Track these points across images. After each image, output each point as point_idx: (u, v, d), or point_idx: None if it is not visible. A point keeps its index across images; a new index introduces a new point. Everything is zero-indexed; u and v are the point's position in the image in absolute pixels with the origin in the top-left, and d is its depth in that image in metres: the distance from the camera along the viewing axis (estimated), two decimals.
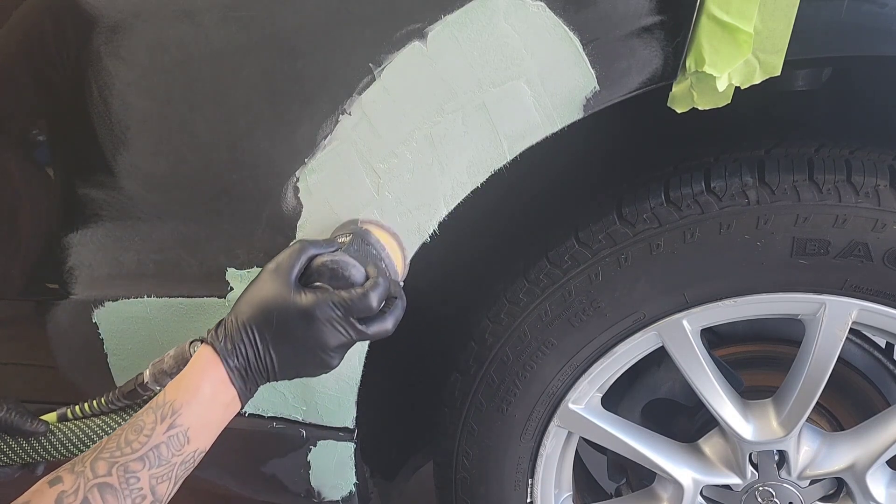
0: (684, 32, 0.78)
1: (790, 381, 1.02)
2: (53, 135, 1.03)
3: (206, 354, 0.80)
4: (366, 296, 0.80)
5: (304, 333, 0.80)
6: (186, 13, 0.88)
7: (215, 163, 0.95)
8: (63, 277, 1.07)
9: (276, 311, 0.79)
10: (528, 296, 1.01)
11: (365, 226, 0.92)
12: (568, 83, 0.83)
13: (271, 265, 0.83)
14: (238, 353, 0.79)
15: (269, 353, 0.80)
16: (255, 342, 0.80)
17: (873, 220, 0.87)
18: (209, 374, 0.79)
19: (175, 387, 0.79)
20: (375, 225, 0.93)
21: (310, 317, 0.79)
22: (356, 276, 0.82)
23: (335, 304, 0.79)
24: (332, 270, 0.82)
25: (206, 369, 0.79)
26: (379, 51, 0.85)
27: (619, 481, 1.33)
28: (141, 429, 0.75)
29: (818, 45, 0.79)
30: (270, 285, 0.81)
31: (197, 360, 0.80)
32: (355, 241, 0.87)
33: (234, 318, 0.81)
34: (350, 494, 1.14)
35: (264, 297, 0.80)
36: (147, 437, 0.75)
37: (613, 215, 0.95)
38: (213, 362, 0.79)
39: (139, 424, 0.76)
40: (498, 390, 1.08)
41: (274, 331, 0.80)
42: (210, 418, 0.79)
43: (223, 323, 0.82)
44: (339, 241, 0.88)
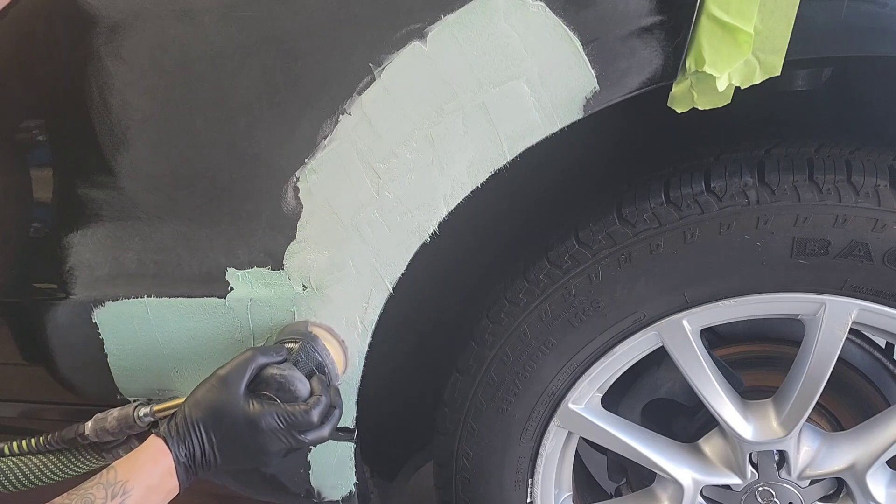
0: (684, 32, 0.78)
1: (790, 381, 1.02)
2: (53, 135, 1.03)
3: (158, 444, 0.87)
4: (308, 413, 0.88)
5: (248, 439, 0.88)
6: (186, 13, 0.88)
7: (215, 163, 0.95)
8: (63, 277, 1.07)
9: (224, 416, 0.88)
10: (528, 296, 1.01)
11: (313, 330, 0.98)
12: (568, 83, 0.83)
13: (223, 371, 0.90)
14: (186, 449, 0.87)
15: (213, 452, 0.88)
16: (202, 441, 0.88)
17: (873, 220, 0.87)
18: (158, 463, 0.86)
19: (127, 468, 0.85)
20: (322, 329, 1.00)
21: (255, 426, 0.87)
22: (301, 391, 0.90)
23: (279, 417, 0.88)
24: (280, 384, 0.89)
25: (157, 458, 0.87)
26: (379, 51, 0.85)
27: (619, 481, 1.33)
28: (91, 501, 0.82)
29: (818, 45, 0.79)
30: (222, 391, 0.88)
31: (149, 448, 0.88)
32: (302, 350, 0.94)
33: (186, 415, 0.88)
34: (350, 494, 1.14)
35: (215, 400, 0.88)
36: None
37: (613, 215, 0.95)
38: (163, 453, 0.87)
39: (89, 497, 0.82)
40: (498, 390, 1.08)
41: (221, 433, 0.88)
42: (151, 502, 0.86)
43: (173, 418, 0.89)
44: (288, 348, 0.94)
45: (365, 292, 0.98)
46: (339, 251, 0.96)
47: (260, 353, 0.91)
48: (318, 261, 0.97)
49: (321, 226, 0.95)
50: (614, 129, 0.97)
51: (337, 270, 0.97)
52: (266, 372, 0.90)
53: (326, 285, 0.98)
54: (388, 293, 0.97)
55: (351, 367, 1.02)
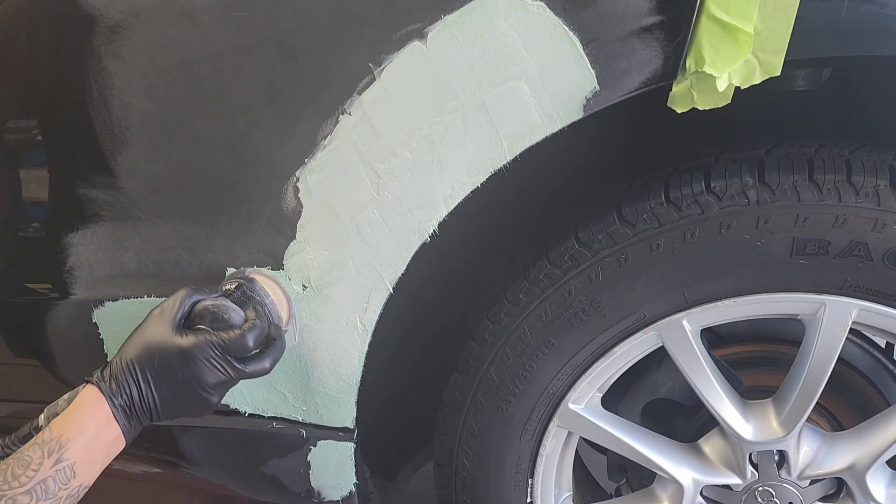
0: (684, 32, 0.78)
1: (790, 381, 1.02)
2: (53, 135, 1.03)
3: (92, 394, 0.83)
4: (242, 336, 0.85)
5: (184, 373, 0.84)
6: (186, 13, 0.88)
7: (215, 163, 0.95)
8: (63, 277, 1.07)
9: (157, 351, 0.84)
10: (528, 296, 1.01)
11: (251, 274, 0.97)
12: (568, 83, 0.83)
13: (156, 310, 0.87)
14: (122, 392, 0.83)
15: (150, 392, 0.84)
16: (138, 381, 0.84)
17: (873, 220, 0.87)
18: (94, 412, 0.82)
19: (61, 423, 0.82)
20: (261, 274, 0.97)
21: (189, 356, 0.83)
22: (235, 318, 0.88)
23: (213, 344, 0.84)
24: (213, 314, 0.87)
25: (92, 407, 0.83)
26: (379, 51, 0.85)
27: (619, 481, 1.33)
28: (28, 463, 0.78)
29: (818, 45, 0.79)
30: (154, 328, 0.85)
31: (82, 399, 0.84)
32: (239, 289, 0.92)
33: (120, 358, 0.85)
34: (350, 494, 1.14)
35: (148, 338, 0.85)
36: (34, 472, 0.78)
37: (613, 215, 0.95)
38: (97, 401, 0.83)
39: (25, 459, 0.78)
40: (498, 390, 1.08)
41: (156, 370, 0.84)
42: (96, 454, 0.82)
43: (109, 364, 0.85)
44: (224, 289, 0.92)
45: (365, 292, 0.98)
46: (339, 251, 0.96)
47: (193, 289, 0.89)
48: (318, 261, 0.97)
49: (321, 226, 0.95)
50: (614, 129, 0.97)
51: (337, 270, 0.97)
52: (199, 305, 0.88)
53: (326, 285, 0.98)
54: (388, 293, 0.97)
55: (348, 358, 1.01)
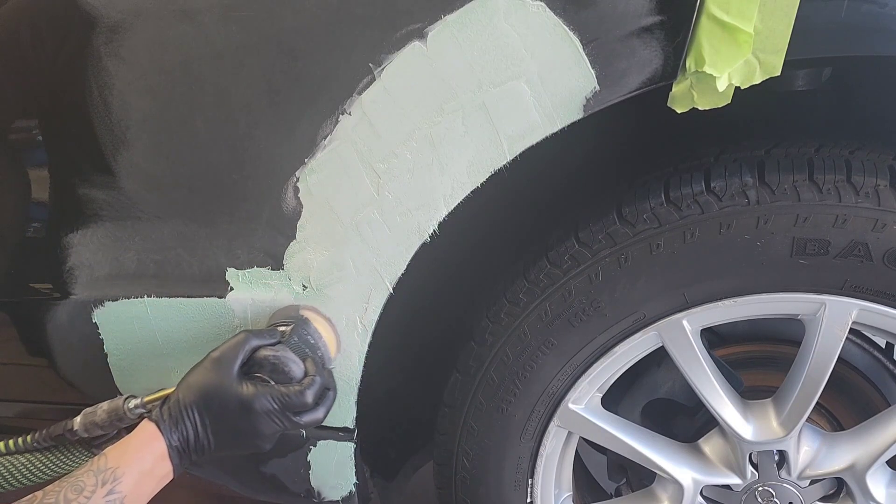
0: (684, 32, 0.78)
1: (790, 381, 1.02)
2: (53, 135, 1.03)
3: (150, 429, 0.85)
4: (303, 393, 0.87)
5: (241, 421, 0.86)
6: (186, 13, 0.88)
7: (215, 163, 0.95)
8: (63, 277, 1.07)
9: (217, 397, 0.86)
10: (528, 296, 1.01)
11: (304, 313, 0.98)
12: (568, 83, 0.83)
13: (216, 353, 0.89)
14: (179, 433, 0.86)
15: (206, 435, 0.87)
16: (195, 424, 0.86)
17: (873, 220, 0.87)
18: (151, 448, 0.84)
19: (118, 454, 0.83)
20: (313, 312, 0.98)
21: (248, 407, 0.85)
22: (295, 371, 0.89)
23: (273, 399, 0.86)
24: (274, 365, 0.88)
25: (149, 443, 0.85)
26: (379, 51, 0.85)
27: (619, 481, 1.33)
28: (81, 489, 0.80)
29: (818, 45, 0.79)
30: (214, 373, 0.87)
31: (140, 433, 0.86)
32: (295, 332, 0.93)
33: (179, 399, 0.87)
34: (350, 494, 1.14)
35: (208, 383, 0.87)
36: (86, 499, 0.79)
37: (613, 215, 0.95)
38: (155, 438, 0.85)
39: (79, 485, 0.80)
40: (498, 390, 1.08)
41: (214, 416, 0.86)
42: (145, 488, 0.84)
43: (165, 402, 0.87)
44: (280, 331, 0.93)
45: (365, 292, 0.98)
46: (339, 251, 0.96)
47: (253, 335, 0.90)
48: (318, 261, 0.97)
49: (321, 226, 0.95)
50: (614, 129, 0.97)
51: (337, 270, 0.97)
52: (259, 354, 0.89)
53: (326, 285, 0.98)
54: (388, 293, 0.97)
55: (348, 358, 1.02)
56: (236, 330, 1.03)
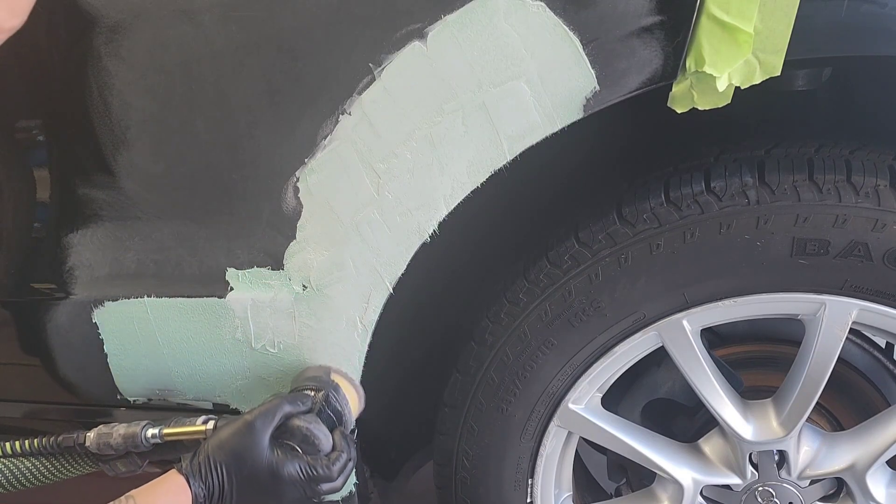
0: (684, 32, 0.78)
1: (790, 381, 1.02)
2: (53, 135, 1.03)
3: (180, 482, 0.87)
4: (329, 468, 0.90)
5: (267, 486, 0.89)
6: (186, 13, 0.88)
7: (215, 163, 0.95)
8: (63, 277, 1.07)
9: (248, 461, 0.88)
10: (528, 296, 1.01)
11: (335, 378, 1.00)
12: (568, 83, 0.83)
13: (250, 416, 0.91)
14: (207, 489, 0.87)
15: (231, 494, 0.88)
16: (223, 483, 0.88)
17: (873, 220, 0.87)
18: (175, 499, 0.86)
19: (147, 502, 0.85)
20: (341, 376, 1.01)
21: (276, 475, 0.88)
22: (324, 444, 0.91)
23: (301, 470, 0.89)
24: (305, 436, 0.90)
25: (177, 495, 0.87)
26: (379, 51, 0.85)
27: (619, 481, 1.33)
28: None
29: (818, 45, 0.79)
30: (248, 436, 0.89)
31: (169, 484, 0.88)
32: (325, 400, 0.96)
33: (209, 455, 0.89)
34: (350, 494, 1.14)
35: (240, 445, 0.89)
36: None
37: (613, 215, 0.95)
38: (184, 491, 0.87)
39: None
40: (498, 390, 1.08)
41: (242, 478, 0.88)
42: None
43: (196, 456, 0.89)
44: (311, 396, 0.95)
45: (365, 292, 0.98)
46: (339, 251, 0.96)
47: (287, 401, 0.92)
48: (318, 261, 0.97)
49: (321, 226, 0.95)
50: (614, 129, 0.97)
51: (337, 270, 0.97)
52: (292, 422, 0.91)
53: (326, 285, 0.98)
54: (388, 293, 0.97)
55: (348, 358, 1.02)
56: (236, 330, 1.03)
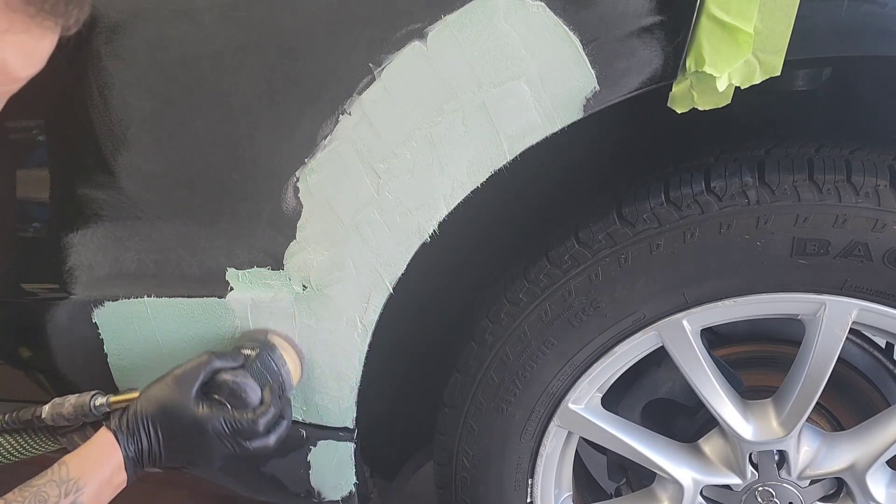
0: (684, 32, 0.78)
1: (790, 381, 1.02)
2: (53, 134, 1.03)
3: (108, 440, 0.89)
4: (255, 422, 0.91)
5: (193, 440, 0.90)
6: (186, 13, 0.88)
7: (215, 163, 0.95)
8: (63, 277, 1.07)
9: (173, 413, 0.90)
10: (528, 296, 1.01)
11: (272, 338, 0.99)
12: (568, 83, 0.83)
13: (178, 371, 0.92)
14: (135, 444, 0.90)
15: (159, 447, 0.91)
16: (149, 435, 0.90)
17: (873, 220, 0.87)
18: (109, 458, 0.89)
19: (78, 464, 0.87)
20: (280, 338, 1.01)
21: (201, 428, 0.90)
22: (252, 398, 0.92)
23: (226, 423, 0.90)
24: (232, 390, 0.91)
25: (108, 454, 0.89)
26: (379, 51, 0.85)
27: (619, 481, 1.33)
28: (45, 500, 0.83)
29: (818, 45, 0.79)
30: (174, 390, 0.91)
31: (99, 445, 0.90)
32: (259, 358, 0.95)
33: (136, 410, 0.91)
34: (350, 494, 1.14)
35: (167, 399, 0.91)
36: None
37: (613, 215, 0.95)
38: (113, 448, 0.89)
39: (42, 496, 0.83)
40: (498, 390, 1.08)
41: (169, 431, 0.90)
42: (104, 497, 0.89)
43: (125, 413, 0.91)
44: (245, 354, 0.95)
45: (365, 292, 0.98)
46: (339, 251, 0.96)
47: (216, 357, 0.93)
48: (318, 261, 0.97)
49: (321, 226, 0.95)
50: (614, 128, 0.97)
51: (337, 270, 0.97)
52: (220, 377, 0.92)
53: (326, 285, 0.98)
54: (388, 293, 0.97)
55: (348, 358, 1.02)
56: (236, 330, 1.03)
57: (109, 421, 0.91)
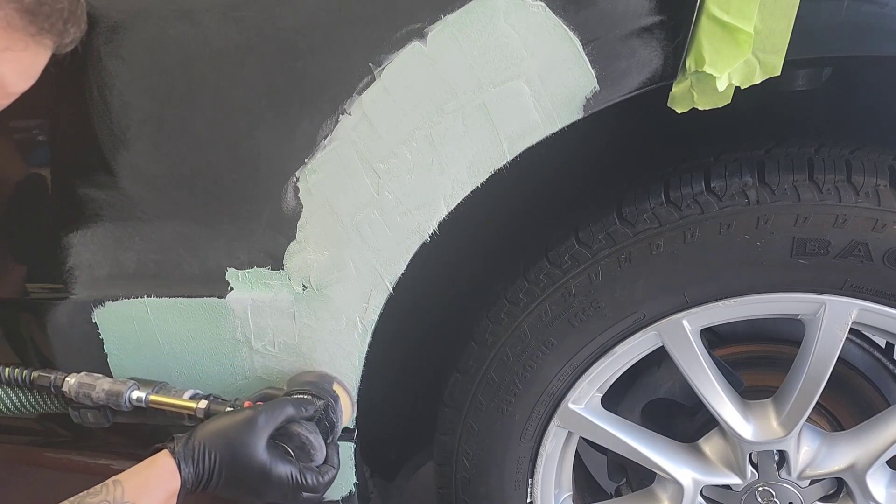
0: (684, 32, 0.78)
1: (790, 381, 1.02)
2: (54, 134, 1.03)
3: (170, 468, 0.87)
4: (318, 480, 0.92)
5: (255, 483, 0.89)
6: (186, 13, 0.88)
7: (215, 163, 0.95)
8: (63, 277, 1.07)
9: (242, 456, 0.88)
10: (528, 296, 1.01)
11: (337, 389, 1.01)
12: (568, 83, 0.83)
13: (253, 413, 0.91)
14: (196, 475, 0.88)
15: (218, 482, 0.89)
16: (212, 472, 0.88)
17: (873, 220, 0.87)
18: (166, 485, 0.86)
19: (135, 488, 0.85)
20: (341, 387, 1.02)
21: (266, 475, 0.89)
22: (318, 457, 0.93)
23: (292, 476, 0.90)
24: (303, 444, 0.92)
25: (166, 480, 0.87)
26: (379, 51, 0.85)
27: (619, 481, 1.33)
28: None
29: (818, 45, 0.79)
30: (246, 432, 0.89)
31: (159, 469, 0.87)
32: (326, 410, 0.97)
33: (203, 442, 0.88)
34: (350, 494, 1.14)
35: (237, 439, 0.89)
36: None
37: (613, 215, 0.95)
38: (174, 477, 0.87)
39: None
40: (498, 390, 1.08)
41: (232, 471, 0.88)
42: None
43: (189, 441, 0.89)
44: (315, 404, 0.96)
45: (365, 292, 0.98)
46: (339, 251, 0.96)
47: (291, 404, 0.93)
48: (318, 261, 0.97)
49: (321, 226, 0.95)
50: (614, 128, 0.97)
51: (337, 270, 0.97)
52: (292, 427, 0.92)
53: (326, 285, 0.98)
54: (388, 293, 0.97)
55: (348, 358, 1.03)
56: (236, 330, 1.03)
57: (172, 445, 0.89)
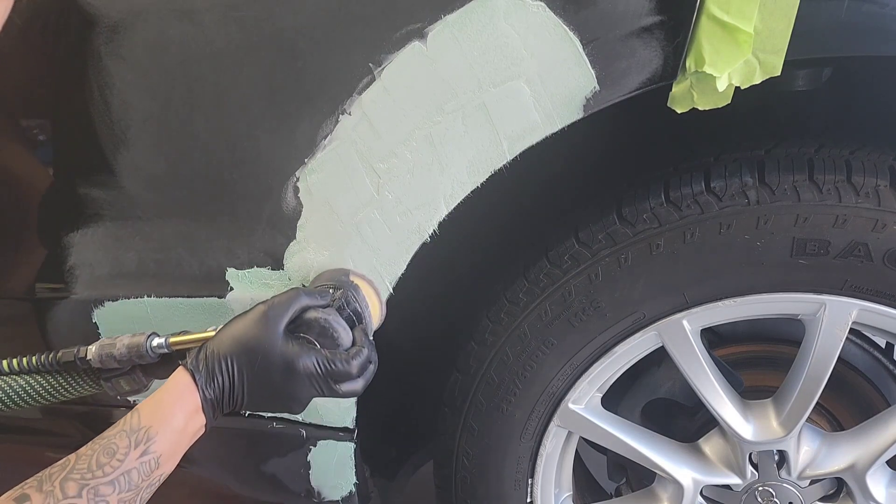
0: (684, 32, 0.78)
1: (790, 381, 1.02)
2: (54, 134, 1.03)
3: (184, 381, 0.80)
4: (349, 362, 0.82)
5: (280, 380, 0.81)
6: (186, 13, 0.88)
7: (215, 163, 0.95)
8: (63, 277, 1.07)
9: (260, 353, 0.81)
10: (528, 296, 1.01)
11: (354, 279, 0.94)
12: (568, 83, 0.83)
13: (263, 306, 0.83)
14: (214, 384, 0.80)
15: (242, 390, 0.81)
16: (232, 377, 0.81)
17: (873, 220, 0.87)
18: (185, 403, 0.80)
19: (150, 411, 0.79)
20: (363, 280, 0.95)
21: (291, 368, 0.81)
22: (344, 338, 0.84)
23: (319, 363, 0.81)
24: (323, 328, 0.84)
25: (183, 396, 0.80)
26: (379, 51, 0.85)
27: (619, 481, 1.33)
28: (114, 452, 0.75)
29: (818, 45, 0.79)
30: (260, 327, 0.82)
31: (174, 386, 0.81)
32: (345, 297, 0.89)
33: (216, 349, 0.81)
34: (350, 494, 1.14)
35: (252, 336, 0.81)
36: (119, 462, 0.75)
37: (613, 215, 0.95)
38: (189, 390, 0.80)
39: (112, 448, 0.75)
40: (498, 390, 1.08)
41: (254, 372, 0.81)
42: (179, 445, 0.80)
43: (202, 351, 0.82)
44: (330, 293, 0.89)
45: None
46: (339, 251, 0.96)
47: (304, 293, 0.85)
48: (318, 261, 0.97)
49: (321, 226, 0.95)
50: (614, 128, 0.97)
51: None
52: (308, 314, 0.84)
53: None
54: (388, 293, 0.97)
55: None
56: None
57: (186, 360, 0.82)
